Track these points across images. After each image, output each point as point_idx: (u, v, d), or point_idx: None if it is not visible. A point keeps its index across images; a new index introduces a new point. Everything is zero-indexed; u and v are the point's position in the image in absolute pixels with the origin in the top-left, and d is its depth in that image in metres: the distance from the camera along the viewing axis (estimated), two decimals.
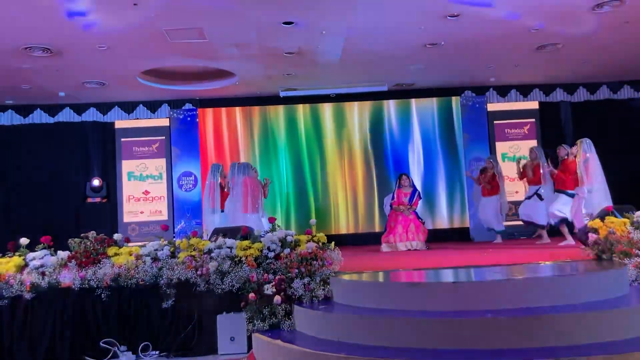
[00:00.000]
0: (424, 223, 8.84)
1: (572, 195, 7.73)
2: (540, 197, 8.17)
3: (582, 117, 11.14)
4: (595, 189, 7.40)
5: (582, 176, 7.48)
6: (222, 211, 8.06)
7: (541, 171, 8.12)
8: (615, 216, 5.68)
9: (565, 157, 7.93)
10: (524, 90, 11.12)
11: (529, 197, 8.38)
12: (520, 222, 8.96)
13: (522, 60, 9.33)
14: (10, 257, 5.83)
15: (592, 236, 5.51)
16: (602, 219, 5.69)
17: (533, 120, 11.21)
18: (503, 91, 11.13)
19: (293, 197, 11.03)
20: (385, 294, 4.64)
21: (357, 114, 11.23)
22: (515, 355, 3.59)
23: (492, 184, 8.94)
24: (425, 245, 8.58)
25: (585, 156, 7.50)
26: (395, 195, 8.94)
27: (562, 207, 7.78)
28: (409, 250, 8.44)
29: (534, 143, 11.06)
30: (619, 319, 3.84)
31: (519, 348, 3.70)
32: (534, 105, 11.21)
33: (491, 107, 11.18)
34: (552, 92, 11.14)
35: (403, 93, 11.05)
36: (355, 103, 11.17)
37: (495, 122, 11.18)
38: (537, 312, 3.95)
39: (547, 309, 4.01)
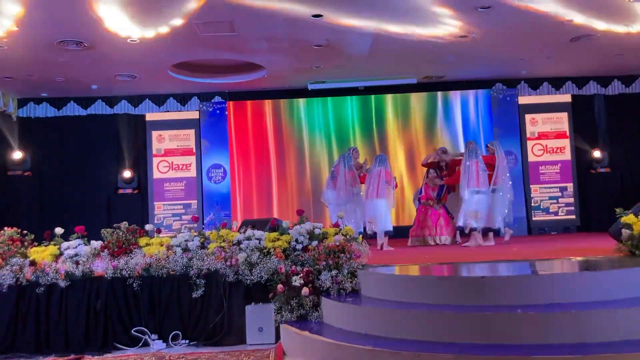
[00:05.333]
0: (453, 218, 8.78)
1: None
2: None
3: (616, 110, 10.90)
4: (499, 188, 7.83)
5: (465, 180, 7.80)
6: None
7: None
8: None
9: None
10: (556, 83, 10.90)
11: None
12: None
13: (554, 53, 9.14)
14: (46, 246, 5.99)
15: (625, 232, 5.40)
16: (637, 214, 5.57)
17: (565, 113, 10.99)
18: (535, 84, 10.93)
19: (319, 190, 11.03)
20: (413, 288, 4.64)
21: (386, 106, 11.17)
22: (545, 350, 3.56)
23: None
24: (454, 239, 8.52)
25: (466, 164, 7.81)
26: (423, 190, 8.89)
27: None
28: (437, 244, 8.39)
29: (566, 137, 10.90)
30: None
31: (548, 344, 3.66)
32: (566, 98, 10.99)
33: (522, 100, 11.01)
34: (586, 84, 10.90)
35: (432, 86, 10.95)
36: (384, 95, 11.11)
37: (526, 115, 11.00)
38: (567, 307, 3.90)
39: (578, 305, 3.96)
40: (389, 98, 11.15)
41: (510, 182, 8.23)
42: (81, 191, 10.60)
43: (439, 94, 11.12)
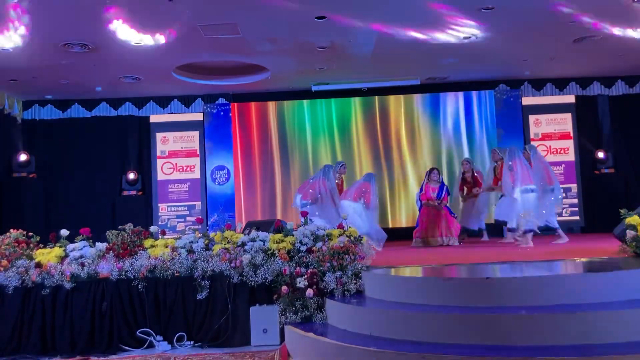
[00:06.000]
0: (456, 217, 8.78)
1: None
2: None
3: (620, 110, 10.88)
4: (529, 189, 7.56)
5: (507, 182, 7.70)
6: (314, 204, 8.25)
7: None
8: None
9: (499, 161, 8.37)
10: (560, 84, 10.89)
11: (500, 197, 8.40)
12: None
13: (558, 53, 9.14)
14: (51, 247, 6.01)
15: (630, 232, 5.39)
16: None
17: (569, 114, 10.98)
18: (538, 85, 10.93)
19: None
20: (417, 289, 4.64)
21: (389, 107, 11.18)
22: (549, 352, 3.55)
23: (477, 186, 9.12)
24: (457, 240, 8.52)
25: (508, 165, 7.73)
26: (423, 189, 8.90)
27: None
28: (441, 245, 8.40)
29: (569, 137, 10.89)
30: None
31: (553, 345, 3.66)
32: (570, 99, 10.98)
33: (526, 101, 11.01)
34: (589, 85, 10.89)
35: (436, 87, 10.95)
36: (387, 97, 11.12)
37: (530, 116, 11.00)
38: (572, 309, 3.90)
39: (583, 307, 3.96)
40: (392, 99, 11.15)
41: (555, 183, 7.97)
42: (86, 193, 10.64)
43: (443, 95, 11.12)
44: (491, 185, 8.72)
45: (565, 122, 11.00)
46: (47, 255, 5.84)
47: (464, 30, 7.84)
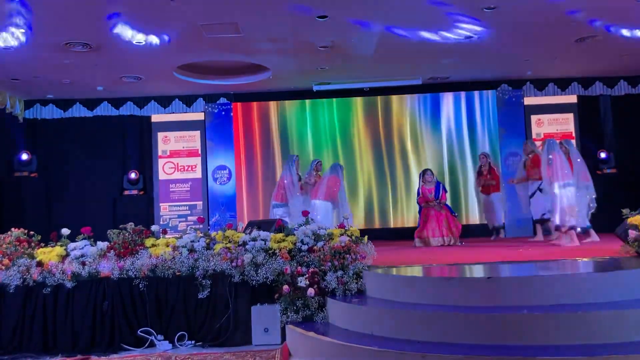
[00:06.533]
0: (457, 216, 8.77)
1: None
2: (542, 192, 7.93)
3: (622, 110, 10.86)
4: (562, 185, 7.26)
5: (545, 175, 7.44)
6: (286, 204, 8.24)
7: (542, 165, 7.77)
8: None
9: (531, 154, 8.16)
10: (562, 84, 10.87)
11: (532, 195, 8.24)
12: None
13: (560, 53, 9.12)
14: (52, 246, 6.02)
15: (632, 232, 5.38)
16: None
17: (571, 114, 10.96)
18: (540, 84, 10.91)
19: None
20: (418, 289, 4.63)
21: (391, 107, 11.17)
22: (551, 351, 3.55)
23: (494, 179, 9.16)
24: (459, 240, 8.51)
25: (547, 157, 7.39)
26: (420, 192, 8.89)
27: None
28: (442, 245, 8.39)
29: (571, 137, 10.85)
30: None
31: (554, 344, 3.66)
32: (572, 99, 10.96)
33: (528, 100, 10.99)
34: (591, 85, 10.86)
35: (437, 86, 10.93)
36: (389, 96, 11.11)
37: (532, 116, 10.98)
38: (574, 309, 3.89)
39: (585, 306, 3.95)
40: (394, 99, 11.15)
41: (590, 180, 7.81)
42: (87, 192, 10.65)
43: (445, 95, 11.11)
44: (524, 177, 8.41)
45: (567, 122, 10.98)
46: (49, 254, 5.85)
47: (465, 30, 7.82)
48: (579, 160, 7.69)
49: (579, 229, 7.40)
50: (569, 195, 7.24)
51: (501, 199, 9.39)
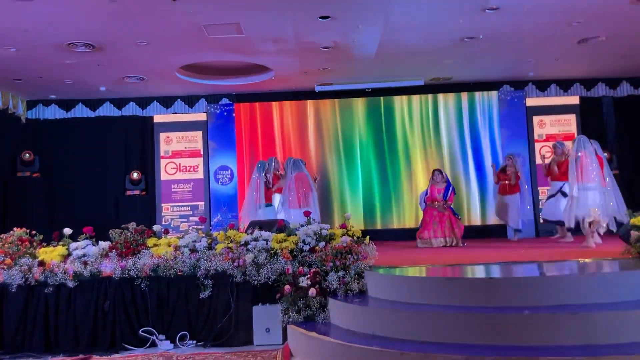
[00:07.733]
0: (460, 218, 8.76)
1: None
2: (564, 195, 7.87)
3: (625, 112, 10.84)
4: (590, 187, 6.96)
5: (573, 175, 7.08)
6: (269, 205, 8.20)
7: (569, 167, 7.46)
8: None
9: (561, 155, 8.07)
10: (564, 85, 10.86)
11: (552, 195, 8.20)
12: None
13: (562, 54, 9.12)
14: (54, 246, 6.03)
15: (634, 234, 5.37)
16: None
17: (573, 115, 10.95)
18: (542, 85, 10.90)
19: (327, 192, 11.04)
20: (420, 289, 4.63)
21: (393, 108, 11.16)
22: (552, 352, 3.55)
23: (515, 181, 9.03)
24: (461, 241, 8.50)
25: (576, 155, 7.10)
26: (428, 191, 8.89)
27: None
28: (444, 246, 8.38)
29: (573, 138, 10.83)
30: None
31: (556, 345, 3.65)
32: (574, 100, 10.95)
33: (530, 101, 10.97)
34: (594, 86, 10.86)
35: (440, 87, 10.93)
36: (391, 97, 11.11)
37: (534, 117, 10.97)
38: (575, 309, 3.89)
39: (586, 307, 3.94)
40: (396, 100, 11.14)
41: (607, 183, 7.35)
42: (89, 192, 10.66)
43: (447, 95, 11.10)
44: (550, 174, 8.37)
45: (569, 124, 10.96)
46: (51, 254, 5.86)
47: (468, 31, 7.82)
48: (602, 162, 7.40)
49: (601, 230, 7.10)
50: (593, 197, 6.95)
51: (516, 201, 9.18)
